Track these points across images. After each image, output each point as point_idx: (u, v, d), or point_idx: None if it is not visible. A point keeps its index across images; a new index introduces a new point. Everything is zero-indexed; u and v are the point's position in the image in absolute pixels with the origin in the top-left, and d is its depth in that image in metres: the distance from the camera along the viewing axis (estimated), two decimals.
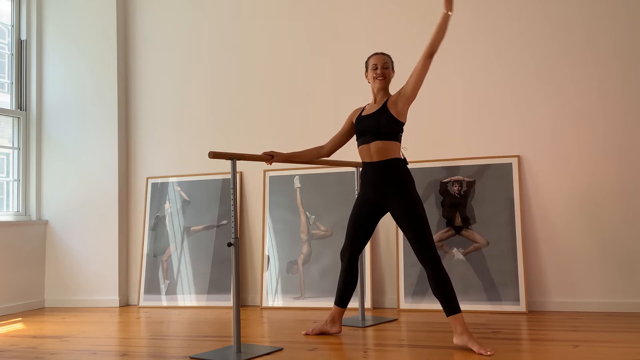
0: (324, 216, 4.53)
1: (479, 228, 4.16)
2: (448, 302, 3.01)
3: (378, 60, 3.33)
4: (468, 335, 2.94)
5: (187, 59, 5.03)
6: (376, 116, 3.23)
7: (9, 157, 5.06)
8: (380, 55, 3.36)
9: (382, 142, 3.20)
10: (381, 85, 3.30)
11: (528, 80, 4.19)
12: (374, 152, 3.22)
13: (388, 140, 3.20)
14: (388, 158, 3.19)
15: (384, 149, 3.19)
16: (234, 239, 3.05)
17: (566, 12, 4.13)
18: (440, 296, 3.02)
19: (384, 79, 3.30)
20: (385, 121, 3.19)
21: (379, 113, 3.23)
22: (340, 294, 3.44)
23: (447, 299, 3.01)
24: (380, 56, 3.35)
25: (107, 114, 5.04)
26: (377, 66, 3.31)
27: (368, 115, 3.30)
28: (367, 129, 3.25)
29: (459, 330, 2.97)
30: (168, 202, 4.95)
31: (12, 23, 5.15)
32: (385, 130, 3.19)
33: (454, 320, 2.99)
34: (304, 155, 3.52)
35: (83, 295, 4.96)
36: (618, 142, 3.99)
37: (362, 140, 3.28)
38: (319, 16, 4.71)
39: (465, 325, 2.98)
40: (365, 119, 3.29)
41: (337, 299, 3.45)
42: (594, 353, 2.80)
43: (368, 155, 3.25)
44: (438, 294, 3.03)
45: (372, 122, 3.23)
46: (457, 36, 4.35)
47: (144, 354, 3.14)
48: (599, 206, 3.99)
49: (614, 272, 3.94)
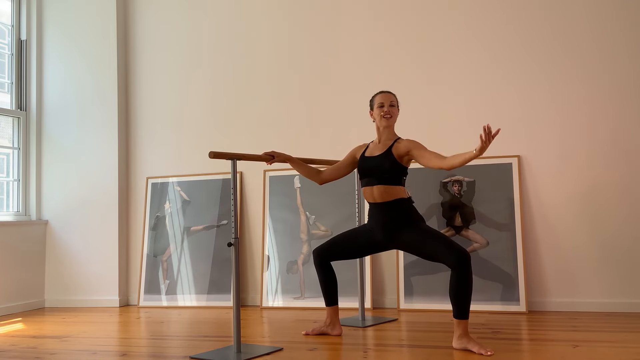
0: (324, 216, 4.53)
1: (479, 228, 4.16)
2: (462, 305, 2.94)
3: (385, 99, 3.28)
4: (467, 338, 2.93)
5: (187, 59, 5.03)
6: (380, 160, 3.20)
7: (9, 157, 5.06)
8: (386, 94, 3.31)
9: (384, 186, 3.17)
10: (387, 124, 3.27)
11: (528, 80, 4.19)
12: (377, 195, 3.19)
13: (391, 185, 3.17)
14: (391, 199, 3.17)
15: (387, 193, 3.17)
16: (234, 239, 3.05)
17: (568, 13, 4.13)
18: (459, 298, 2.94)
19: (391, 118, 3.26)
20: (388, 166, 3.17)
21: (383, 157, 3.20)
22: (327, 294, 3.42)
23: (462, 302, 2.94)
24: (387, 95, 3.31)
25: (107, 114, 5.04)
26: (383, 104, 3.27)
27: (372, 157, 3.26)
28: (370, 171, 3.22)
29: (459, 333, 2.96)
30: (168, 202, 4.95)
31: (12, 23, 5.15)
32: (388, 175, 3.17)
33: (458, 324, 2.96)
34: (302, 167, 3.50)
35: (83, 295, 4.96)
36: (618, 142, 3.98)
37: (365, 182, 3.25)
38: (319, 16, 4.71)
39: (467, 330, 2.96)
40: (369, 160, 3.26)
41: (326, 299, 3.43)
42: (594, 353, 2.80)
43: (372, 197, 3.23)
44: (457, 295, 2.94)
45: (375, 166, 3.20)
46: (458, 36, 4.35)
47: (144, 354, 3.14)
48: (599, 206, 3.99)
49: (614, 272, 3.94)
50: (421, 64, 4.42)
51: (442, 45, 4.39)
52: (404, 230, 3.14)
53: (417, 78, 4.41)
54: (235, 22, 4.92)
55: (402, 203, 3.17)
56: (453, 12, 4.39)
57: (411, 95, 4.36)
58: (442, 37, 4.39)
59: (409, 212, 3.16)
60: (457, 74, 4.34)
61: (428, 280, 4.18)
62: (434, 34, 4.42)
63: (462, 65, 4.34)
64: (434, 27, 4.42)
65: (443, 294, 4.07)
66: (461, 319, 2.96)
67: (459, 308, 2.96)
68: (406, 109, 4.24)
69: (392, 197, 3.16)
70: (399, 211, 3.16)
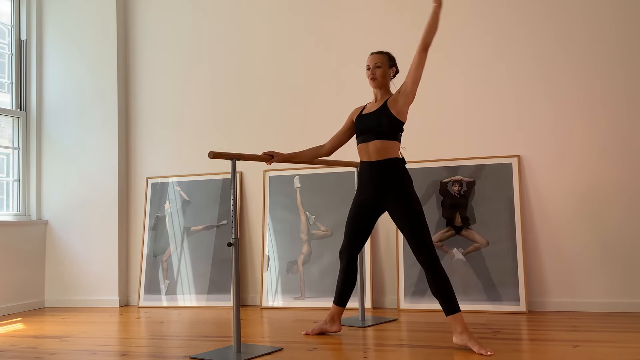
0: (324, 216, 4.53)
1: (479, 228, 4.16)
2: (447, 301, 3.00)
3: (370, 61, 3.32)
4: (468, 335, 2.94)
5: (187, 59, 5.03)
6: (376, 115, 3.23)
7: (9, 157, 5.06)
8: (372, 55, 3.34)
9: (381, 141, 3.19)
10: (373, 85, 3.29)
11: (528, 80, 4.19)
12: (372, 151, 3.21)
13: (387, 140, 3.19)
14: (386, 157, 3.18)
15: (383, 149, 3.18)
16: (234, 239, 3.05)
17: (568, 12, 4.13)
18: (439, 296, 3.02)
19: (374, 80, 3.28)
20: (385, 120, 3.18)
21: (379, 112, 3.22)
22: (340, 294, 3.44)
23: (446, 299, 3.01)
24: (372, 56, 3.33)
25: (107, 114, 5.04)
26: (369, 67, 3.30)
27: (368, 114, 3.29)
28: (367, 127, 3.24)
29: (459, 330, 2.97)
30: (168, 202, 4.95)
31: (12, 23, 5.15)
32: (385, 129, 3.18)
33: (453, 320, 2.99)
34: (303, 155, 3.51)
35: (83, 295, 4.96)
36: (619, 141, 3.98)
37: (362, 139, 3.27)
38: (319, 16, 4.71)
39: (465, 325, 2.98)
40: (366, 117, 3.29)
41: (336, 298, 3.45)
42: (594, 353, 2.80)
43: (367, 154, 3.24)
44: (437, 294, 3.03)
45: (372, 121, 3.22)
46: (458, 36, 4.35)
47: (144, 354, 3.14)
48: (599, 206, 3.99)
49: (614, 272, 3.94)
50: None
51: (442, 45, 4.38)
52: (393, 191, 3.15)
53: None
54: (235, 22, 4.92)
55: (394, 162, 3.18)
56: (453, 12, 4.38)
57: None
58: (442, 37, 4.37)
59: (400, 172, 3.17)
60: (457, 73, 4.34)
61: None
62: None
63: (462, 65, 4.33)
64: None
65: None
66: (452, 313, 2.99)
67: (445, 304, 3.01)
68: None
69: (387, 154, 3.18)
70: (390, 170, 3.17)
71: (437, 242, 4.20)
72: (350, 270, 3.42)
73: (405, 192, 3.14)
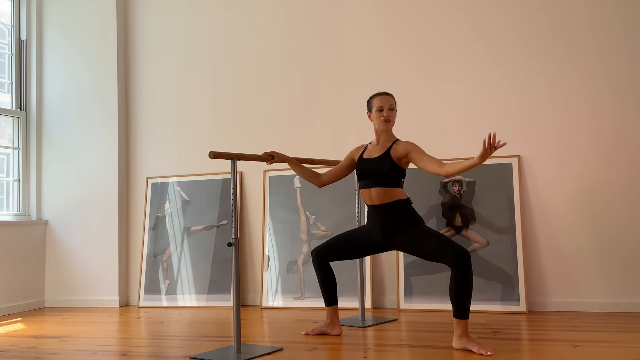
0: (324, 216, 4.53)
1: (479, 228, 4.16)
2: (462, 305, 2.94)
3: (384, 102, 3.23)
4: (467, 338, 2.93)
5: (187, 59, 5.03)
6: (378, 162, 3.19)
7: (9, 157, 5.06)
8: (385, 97, 3.26)
9: (383, 189, 3.16)
10: (386, 128, 3.24)
11: (529, 80, 4.19)
12: (375, 198, 3.19)
13: (389, 187, 3.16)
14: (390, 201, 3.16)
15: (385, 195, 3.16)
16: (234, 239, 3.05)
17: (569, 12, 4.13)
18: (459, 297, 2.93)
19: (389, 122, 3.24)
20: (386, 168, 3.15)
21: (381, 159, 3.18)
22: (326, 294, 3.42)
23: (463, 303, 2.93)
24: (385, 97, 3.26)
25: (107, 114, 5.04)
26: (382, 108, 3.22)
27: (370, 159, 3.24)
28: (368, 173, 3.20)
29: (459, 333, 2.95)
30: (168, 202, 4.95)
31: (12, 23, 5.15)
32: (386, 178, 3.15)
33: (458, 323, 2.96)
34: (301, 169, 3.51)
35: (83, 295, 4.96)
36: (619, 142, 3.98)
37: (363, 184, 3.24)
38: (319, 16, 4.71)
39: (467, 330, 2.96)
40: (367, 162, 3.24)
41: (325, 299, 3.43)
42: (594, 353, 2.80)
43: (369, 199, 3.22)
44: (457, 295, 2.93)
45: (373, 168, 3.19)
46: (459, 36, 4.35)
47: (144, 354, 3.14)
48: (599, 206, 3.99)
49: (614, 272, 3.94)
50: (421, 64, 4.42)
51: (443, 45, 4.39)
52: (403, 231, 3.14)
53: (417, 78, 4.41)
54: (235, 22, 4.92)
55: (400, 204, 3.16)
56: (454, 13, 4.39)
57: (411, 96, 4.36)
58: (442, 37, 4.39)
59: (407, 213, 3.16)
60: (458, 74, 4.34)
61: (428, 280, 4.18)
62: (434, 34, 4.42)
63: (462, 66, 4.33)
64: (435, 27, 4.42)
65: (443, 294, 4.07)
66: (461, 318, 2.95)
67: (458, 308, 2.95)
68: (406, 109, 4.24)
69: (390, 199, 3.15)
70: (397, 212, 3.15)
71: None
72: (327, 270, 3.39)
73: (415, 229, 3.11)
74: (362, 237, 3.31)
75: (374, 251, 3.34)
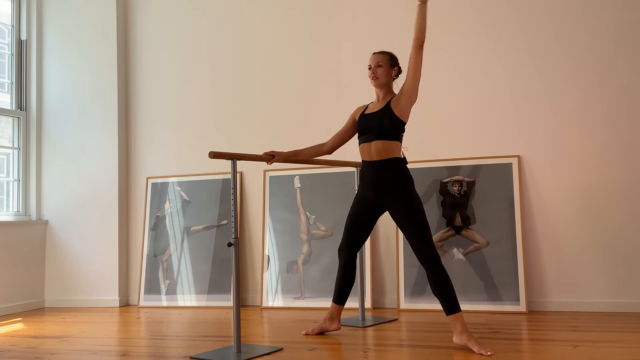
0: (324, 216, 4.53)
1: (479, 228, 4.16)
2: (448, 301, 3.00)
3: (371, 60, 3.32)
4: (468, 335, 2.94)
5: (187, 59, 5.03)
6: (379, 116, 3.23)
7: (9, 157, 5.06)
8: (374, 55, 3.34)
9: (383, 142, 3.19)
10: (375, 85, 3.30)
11: (528, 80, 4.19)
12: (374, 152, 3.21)
13: (389, 140, 3.19)
14: (388, 157, 3.19)
15: (384, 149, 3.19)
16: (234, 239, 3.05)
17: (568, 12, 4.13)
18: (439, 295, 3.02)
19: (376, 79, 3.29)
20: (387, 121, 3.19)
21: (382, 113, 3.23)
22: (339, 292, 3.44)
23: (446, 298, 3.00)
24: (374, 55, 3.34)
25: (107, 114, 5.04)
26: (370, 66, 3.31)
27: (371, 114, 3.29)
28: (369, 128, 3.24)
29: (459, 330, 2.97)
30: (168, 202, 4.95)
31: (12, 23, 5.15)
32: (387, 130, 3.19)
33: (453, 320, 2.99)
34: (304, 153, 3.51)
35: (83, 295, 4.96)
36: (619, 142, 3.98)
37: (364, 139, 3.27)
38: (319, 16, 4.71)
39: (465, 325, 2.98)
40: (368, 117, 3.29)
41: (335, 296, 3.45)
42: (594, 353, 2.80)
43: (368, 154, 3.24)
44: (438, 293, 3.03)
45: (375, 122, 3.23)
46: (458, 36, 4.35)
47: (144, 354, 3.14)
48: (600, 206, 3.99)
49: (614, 272, 3.94)
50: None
51: (442, 45, 4.39)
52: (395, 192, 3.15)
53: None
54: (235, 22, 4.92)
55: (396, 162, 3.19)
56: (453, 13, 4.39)
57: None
58: (442, 37, 4.39)
59: (401, 172, 3.18)
60: (457, 73, 4.34)
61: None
62: (433, 33, 4.41)
63: (461, 65, 4.34)
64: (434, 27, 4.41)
65: None
66: (452, 313, 2.98)
67: (446, 303, 3.00)
68: None
69: (389, 154, 3.19)
70: (392, 170, 3.18)
71: (438, 242, 4.19)
72: (349, 269, 3.42)
73: (406, 191, 3.14)
74: (360, 208, 3.33)
75: (374, 214, 3.33)
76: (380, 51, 3.37)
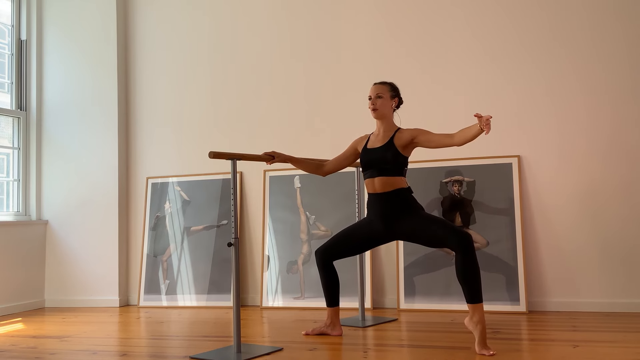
0: (324, 216, 4.53)
1: (479, 228, 4.16)
2: (473, 289, 2.87)
3: (371, 91, 3.29)
4: (482, 327, 2.85)
5: (188, 59, 5.03)
6: (382, 151, 3.22)
7: (9, 157, 5.06)
8: (374, 86, 3.31)
9: (386, 177, 3.19)
10: (375, 116, 3.28)
11: (529, 80, 4.19)
12: (378, 186, 3.21)
13: (392, 176, 3.19)
14: (392, 189, 3.18)
15: (388, 184, 3.19)
16: (234, 239, 3.05)
17: (569, 12, 4.13)
18: (467, 280, 2.88)
19: (375, 110, 3.26)
20: (390, 157, 3.18)
21: (385, 149, 3.21)
22: (328, 295, 3.41)
23: (473, 285, 2.87)
24: (374, 86, 3.31)
25: (107, 114, 5.04)
26: (370, 97, 3.28)
27: (374, 149, 3.27)
28: (372, 163, 3.23)
29: (476, 319, 2.87)
30: (168, 202, 4.95)
31: (12, 23, 5.15)
32: (390, 167, 3.18)
33: (474, 309, 2.87)
34: (304, 163, 3.51)
35: (83, 295, 4.96)
36: (618, 141, 3.98)
37: (368, 174, 3.26)
38: (320, 16, 4.71)
39: (483, 319, 2.87)
40: (370, 152, 3.27)
41: (327, 300, 3.42)
42: (594, 353, 2.80)
43: (372, 188, 3.24)
44: (466, 278, 2.87)
45: (377, 158, 3.21)
46: (458, 36, 4.35)
47: (144, 354, 3.14)
48: (600, 206, 3.99)
49: (614, 272, 3.94)
50: (421, 63, 4.42)
51: (443, 45, 4.39)
52: (404, 218, 3.15)
53: (418, 78, 4.41)
54: (235, 22, 4.92)
55: (401, 192, 3.18)
56: (454, 13, 4.39)
57: (411, 95, 4.34)
58: (443, 37, 4.39)
59: (408, 201, 3.18)
60: (458, 73, 4.34)
61: (428, 280, 4.18)
62: (435, 33, 4.42)
63: (462, 65, 4.33)
64: (435, 27, 4.42)
65: (443, 293, 4.08)
66: (473, 303, 2.88)
67: (469, 291, 2.88)
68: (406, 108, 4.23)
69: (392, 187, 3.18)
70: (398, 200, 3.17)
71: None
72: (330, 270, 3.38)
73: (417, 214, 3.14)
74: (363, 230, 3.31)
75: (375, 243, 3.33)
76: (381, 82, 3.34)
